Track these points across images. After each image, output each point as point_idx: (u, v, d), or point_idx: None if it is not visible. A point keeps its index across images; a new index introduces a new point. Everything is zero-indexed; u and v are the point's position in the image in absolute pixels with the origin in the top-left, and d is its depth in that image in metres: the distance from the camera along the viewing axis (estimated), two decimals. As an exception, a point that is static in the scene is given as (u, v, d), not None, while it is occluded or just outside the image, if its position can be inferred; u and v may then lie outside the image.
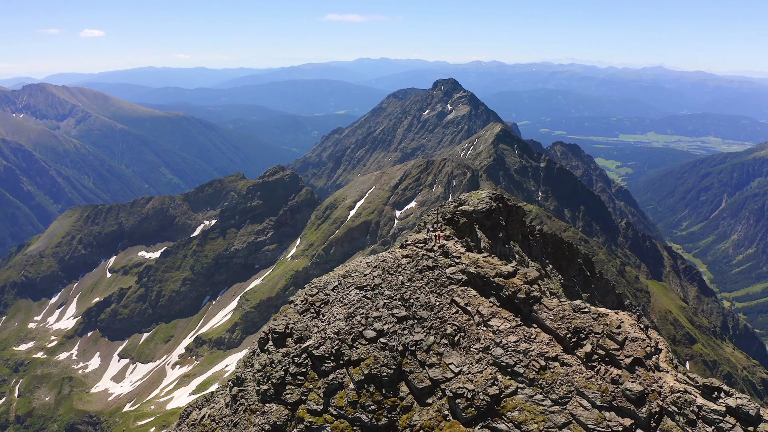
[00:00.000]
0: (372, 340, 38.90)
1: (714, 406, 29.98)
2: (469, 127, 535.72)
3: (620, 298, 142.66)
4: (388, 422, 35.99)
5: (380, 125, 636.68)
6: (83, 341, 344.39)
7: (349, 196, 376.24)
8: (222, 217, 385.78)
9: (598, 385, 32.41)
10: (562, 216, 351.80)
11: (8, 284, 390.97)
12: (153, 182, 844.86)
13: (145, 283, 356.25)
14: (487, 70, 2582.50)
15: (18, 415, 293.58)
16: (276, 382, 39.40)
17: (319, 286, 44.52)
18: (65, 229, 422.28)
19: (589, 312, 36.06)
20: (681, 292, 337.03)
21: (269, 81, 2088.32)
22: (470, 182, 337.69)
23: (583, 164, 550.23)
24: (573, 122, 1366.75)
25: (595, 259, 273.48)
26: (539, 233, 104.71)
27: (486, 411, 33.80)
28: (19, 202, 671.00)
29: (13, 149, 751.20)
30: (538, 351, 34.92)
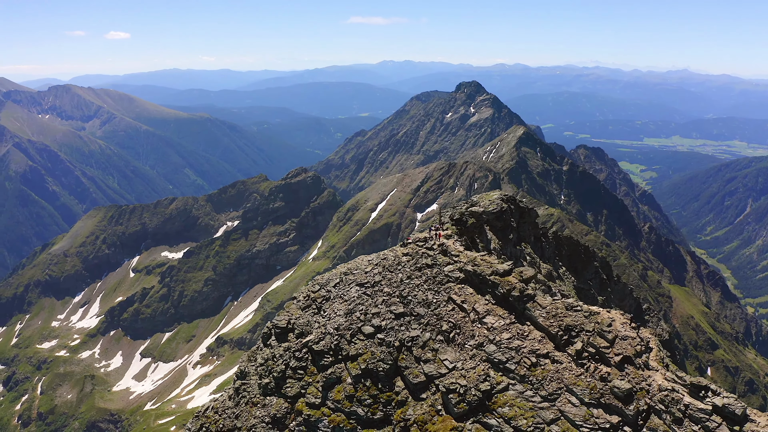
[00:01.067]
0: (370, 336, 39.67)
1: (701, 405, 30.22)
2: (492, 129, 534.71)
3: (638, 302, 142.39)
4: (383, 416, 36.72)
5: (403, 128, 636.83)
6: (106, 340, 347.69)
7: (370, 198, 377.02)
8: (244, 219, 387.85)
9: (587, 382, 32.82)
10: (585, 220, 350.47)
11: (32, 283, 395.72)
12: (177, 183, 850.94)
13: (167, 283, 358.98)
14: (511, 72, 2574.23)
15: (40, 413, 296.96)
16: (277, 375, 40.31)
17: (321, 282, 45.40)
18: (89, 229, 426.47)
19: (581, 310, 36.48)
20: (704, 298, 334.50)
21: (293, 83, 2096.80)
22: (492, 185, 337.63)
23: (607, 168, 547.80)
24: (597, 125, 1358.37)
25: (616, 264, 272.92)
26: (553, 236, 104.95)
27: (477, 406, 34.35)
28: (44, 202, 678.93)
29: (39, 149, 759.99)
30: (530, 348, 35.42)
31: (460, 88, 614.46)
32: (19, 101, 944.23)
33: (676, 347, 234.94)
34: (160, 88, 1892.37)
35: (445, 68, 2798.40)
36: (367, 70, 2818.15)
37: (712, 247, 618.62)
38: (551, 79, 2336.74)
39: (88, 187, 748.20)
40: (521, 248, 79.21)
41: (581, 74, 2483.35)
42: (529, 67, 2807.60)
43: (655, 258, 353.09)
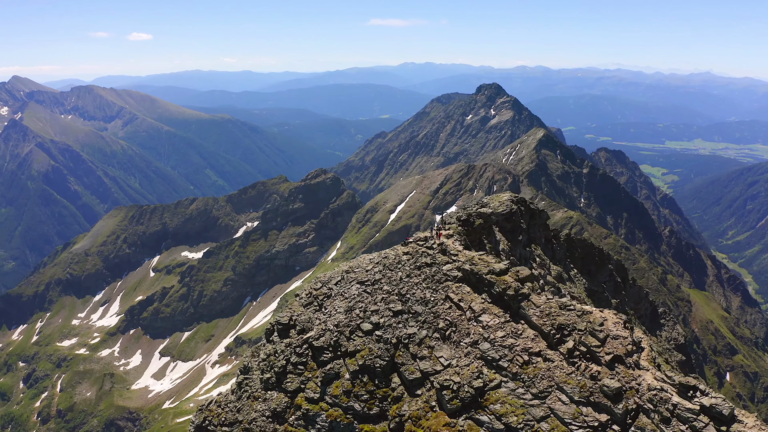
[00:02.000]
0: (368, 333, 40.34)
1: (688, 405, 30.46)
2: (513, 132, 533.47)
3: (654, 305, 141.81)
4: (379, 411, 37.35)
5: (423, 130, 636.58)
6: (125, 339, 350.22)
7: (389, 199, 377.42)
8: (264, 219, 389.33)
9: (577, 380, 33.19)
10: (605, 223, 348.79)
11: (53, 281, 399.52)
12: (198, 184, 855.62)
13: (187, 282, 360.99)
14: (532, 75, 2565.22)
15: (59, 410, 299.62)
16: (278, 371, 41.11)
17: (323, 280, 46.21)
18: (110, 229, 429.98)
19: (573, 310, 36.84)
20: (724, 302, 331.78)
21: (314, 85, 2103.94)
22: (511, 187, 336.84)
23: (628, 171, 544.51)
24: (619, 128, 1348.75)
25: (635, 267, 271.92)
26: (566, 238, 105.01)
27: (470, 403, 34.84)
28: (66, 202, 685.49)
29: (61, 149, 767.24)
30: (523, 346, 35.86)
31: (480, 90, 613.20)
32: (42, 102, 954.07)
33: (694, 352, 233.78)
34: (182, 89, 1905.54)
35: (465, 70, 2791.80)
36: (388, 71, 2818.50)
37: (733, 251, 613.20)
38: (573, 81, 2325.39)
39: (109, 187, 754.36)
40: (531, 250, 79.40)
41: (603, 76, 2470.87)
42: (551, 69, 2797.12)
43: (675, 262, 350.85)
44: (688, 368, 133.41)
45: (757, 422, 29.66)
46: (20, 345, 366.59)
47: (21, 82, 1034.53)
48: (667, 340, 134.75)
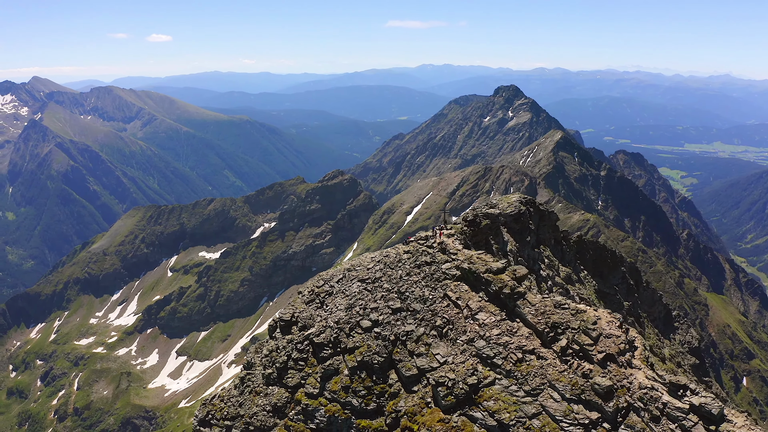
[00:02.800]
0: (367, 330, 40.93)
1: (678, 404, 30.60)
2: (530, 134, 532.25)
3: (668, 308, 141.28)
4: (376, 407, 37.91)
5: (441, 131, 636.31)
6: (142, 338, 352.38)
7: (406, 201, 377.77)
8: (281, 220, 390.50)
9: (569, 378, 33.47)
10: (622, 226, 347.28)
11: (72, 280, 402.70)
12: (216, 185, 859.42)
13: (204, 282, 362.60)
14: (551, 77, 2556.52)
15: (76, 408, 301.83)
16: (279, 366, 41.90)
17: (325, 278, 46.90)
18: (129, 228, 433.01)
19: (568, 308, 37.11)
20: (741, 306, 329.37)
21: (332, 86, 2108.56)
22: (528, 189, 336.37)
23: (646, 174, 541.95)
24: (638, 131, 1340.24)
25: (652, 270, 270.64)
26: (577, 239, 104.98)
27: (464, 399, 35.28)
28: (85, 201, 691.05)
29: (81, 150, 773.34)
30: (517, 344, 36.22)
31: (498, 92, 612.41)
32: (62, 102, 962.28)
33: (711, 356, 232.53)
34: (201, 90, 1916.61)
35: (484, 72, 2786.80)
36: (406, 73, 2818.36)
37: (752, 255, 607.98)
38: (592, 83, 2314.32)
39: (128, 187, 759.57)
40: (539, 251, 79.52)
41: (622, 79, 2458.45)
42: (570, 71, 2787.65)
43: (693, 265, 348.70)
44: (702, 372, 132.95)
45: (746, 422, 29.77)
46: (38, 343, 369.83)
47: (41, 83, 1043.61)
48: (681, 343, 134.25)
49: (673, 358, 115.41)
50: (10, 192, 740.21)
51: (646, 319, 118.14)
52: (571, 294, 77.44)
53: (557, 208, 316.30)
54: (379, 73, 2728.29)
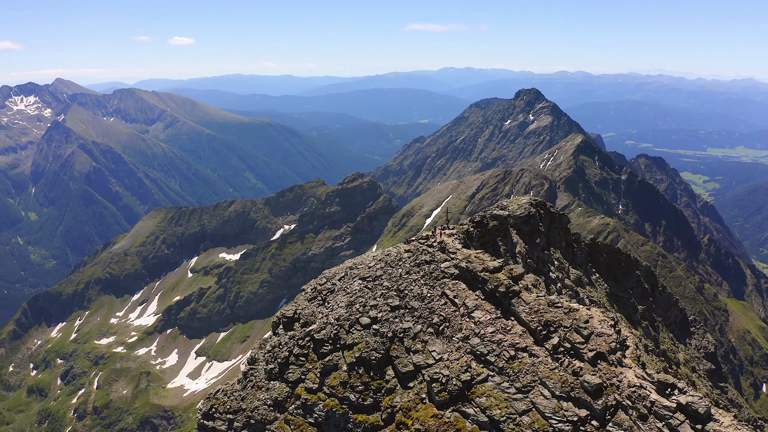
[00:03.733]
0: (366, 327, 41.65)
1: (666, 402, 30.87)
2: (551, 137, 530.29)
3: (684, 313, 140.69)
4: (372, 402, 38.54)
5: (461, 135, 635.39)
6: (162, 338, 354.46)
7: (426, 204, 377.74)
8: (301, 222, 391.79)
9: (559, 376, 33.84)
10: (643, 230, 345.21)
11: (93, 280, 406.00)
12: (238, 186, 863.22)
13: (224, 283, 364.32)
14: (573, 80, 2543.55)
15: (96, 407, 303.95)
16: (281, 362, 42.74)
17: (328, 276, 47.75)
18: (150, 229, 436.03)
19: (561, 307, 37.48)
20: (762, 312, 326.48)
21: (354, 89, 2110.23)
22: (548, 193, 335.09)
23: (668, 178, 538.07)
24: (660, 135, 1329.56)
25: (672, 275, 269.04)
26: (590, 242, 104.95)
27: (457, 396, 35.82)
28: (107, 202, 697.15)
29: (103, 151, 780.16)
30: (510, 342, 36.67)
31: (519, 96, 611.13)
32: (85, 104, 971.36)
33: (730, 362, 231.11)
34: (223, 92, 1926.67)
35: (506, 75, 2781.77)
36: (428, 76, 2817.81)
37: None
38: (614, 87, 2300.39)
39: (150, 188, 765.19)
40: (549, 253, 79.74)
41: (644, 82, 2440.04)
42: (592, 75, 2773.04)
43: (714, 271, 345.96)
44: (717, 377, 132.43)
45: (733, 422, 30.00)
46: (59, 342, 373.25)
47: (64, 85, 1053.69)
48: (697, 348, 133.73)
49: (687, 363, 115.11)
50: (33, 192, 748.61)
51: (660, 324, 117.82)
52: (580, 296, 77.57)
53: (577, 212, 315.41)
54: (401, 76, 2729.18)
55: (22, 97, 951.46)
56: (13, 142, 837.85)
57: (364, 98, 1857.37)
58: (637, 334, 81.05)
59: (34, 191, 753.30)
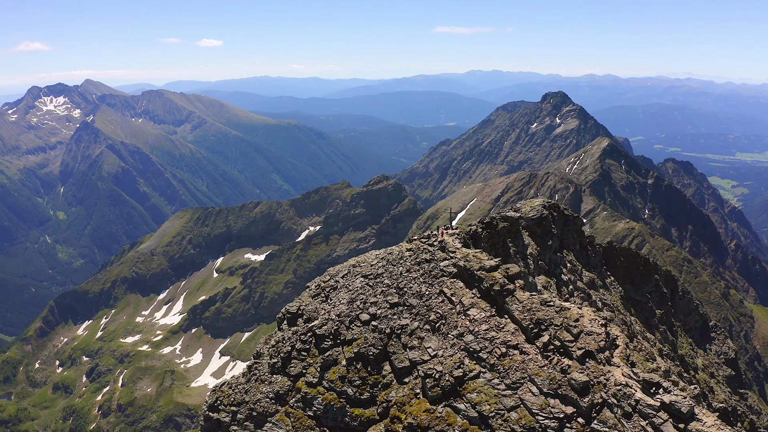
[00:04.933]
0: (365, 323, 42.67)
1: (650, 401, 31.22)
2: (578, 141, 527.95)
3: (704, 318, 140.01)
4: (369, 397, 39.52)
5: (488, 137, 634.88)
6: (187, 337, 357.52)
7: (450, 207, 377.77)
8: (326, 224, 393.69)
9: (548, 373, 34.36)
10: (669, 235, 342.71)
11: (119, 279, 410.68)
12: (264, 188, 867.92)
13: (249, 284, 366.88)
14: (601, 83, 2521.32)
15: (120, 404, 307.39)
16: (284, 356, 44.03)
17: (332, 273, 49.06)
18: (176, 229, 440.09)
19: (553, 306, 38.08)
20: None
21: (381, 92, 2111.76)
22: (573, 197, 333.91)
23: (696, 182, 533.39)
24: (688, 139, 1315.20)
25: (697, 281, 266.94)
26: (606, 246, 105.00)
27: (450, 391, 36.55)
28: (134, 202, 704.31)
29: (131, 152, 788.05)
30: (502, 339, 37.32)
31: (545, 99, 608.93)
32: (113, 105, 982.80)
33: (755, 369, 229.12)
34: (251, 94, 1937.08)
35: (533, 78, 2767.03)
36: (455, 79, 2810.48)
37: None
38: (642, 90, 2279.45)
39: (177, 189, 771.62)
40: (562, 255, 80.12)
41: (673, 86, 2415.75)
42: (620, 78, 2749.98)
43: (741, 276, 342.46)
44: (737, 383, 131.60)
45: (716, 422, 30.37)
46: (85, 340, 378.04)
47: (93, 86, 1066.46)
48: (717, 354, 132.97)
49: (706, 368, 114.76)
50: (62, 192, 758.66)
51: (679, 328, 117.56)
52: (592, 299, 77.92)
53: (602, 216, 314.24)
54: (428, 79, 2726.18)
55: (52, 97, 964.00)
56: (43, 142, 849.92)
57: (391, 101, 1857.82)
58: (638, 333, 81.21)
59: (62, 191, 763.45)
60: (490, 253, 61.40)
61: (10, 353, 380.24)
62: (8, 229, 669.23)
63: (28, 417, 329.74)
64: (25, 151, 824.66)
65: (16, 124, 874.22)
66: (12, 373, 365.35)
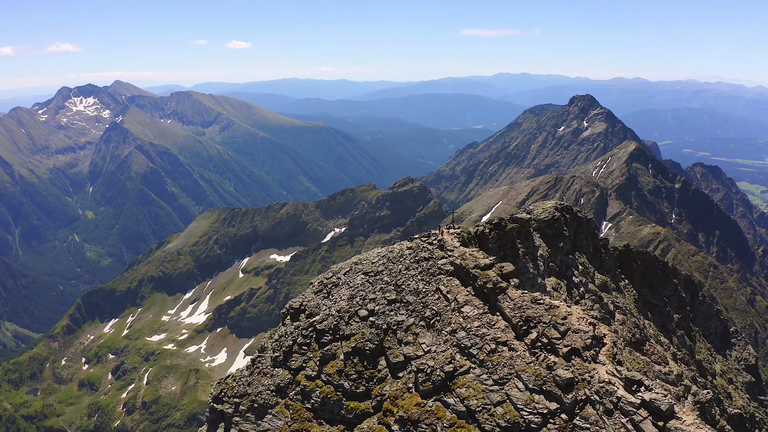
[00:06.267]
0: (364, 319, 43.78)
1: (631, 398, 31.89)
2: (605, 144, 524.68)
3: (725, 324, 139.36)
4: (364, 390, 40.62)
5: (514, 141, 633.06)
6: (212, 336, 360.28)
7: (475, 210, 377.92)
8: (351, 226, 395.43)
9: (534, 369, 35.10)
10: (696, 240, 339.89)
11: (146, 278, 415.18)
12: (291, 189, 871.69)
13: (274, 284, 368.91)
14: (630, 87, 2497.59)
15: (145, 402, 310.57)
16: (285, 350, 45.28)
17: (334, 270, 50.32)
18: (203, 230, 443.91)
19: (542, 303, 38.83)
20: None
21: (408, 94, 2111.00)
22: (599, 201, 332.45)
23: (724, 187, 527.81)
24: (717, 143, 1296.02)
25: (723, 287, 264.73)
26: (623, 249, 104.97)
27: (440, 386, 37.51)
28: (162, 202, 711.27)
29: (160, 152, 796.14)
30: (492, 336, 38.13)
31: (573, 102, 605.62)
32: (143, 106, 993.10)
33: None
34: (279, 96, 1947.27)
35: (561, 81, 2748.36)
36: (483, 82, 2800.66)
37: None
38: (671, 94, 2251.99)
39: (205, 189, 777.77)
40: (574, 257, 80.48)
41: (702, 89, 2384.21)
42: (649, 82, 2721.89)
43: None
44: (757, 390, 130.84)
45: (696, 420, 30.89)
46: (111, 338, 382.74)
47: (123, 87, 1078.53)
48: (737, 360, 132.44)
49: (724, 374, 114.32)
50: (91, 191, 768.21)
51: (698, 333, 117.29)
52: (604, 301, 78.22)
53: (627, 220, 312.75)
54: (456, 81, 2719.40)
55: (82, 98, 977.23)
56: (72, 142, 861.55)
57: (419, 103, 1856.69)
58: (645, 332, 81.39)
59: (91, 190, 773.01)
60: (498, 254, 62.47)
61: (38, 350, 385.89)
62: (37, 227, 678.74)
63: (54, 413, 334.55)
64: (55, 151, 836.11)
65: (46, 124, 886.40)
66: (39, 369, 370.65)
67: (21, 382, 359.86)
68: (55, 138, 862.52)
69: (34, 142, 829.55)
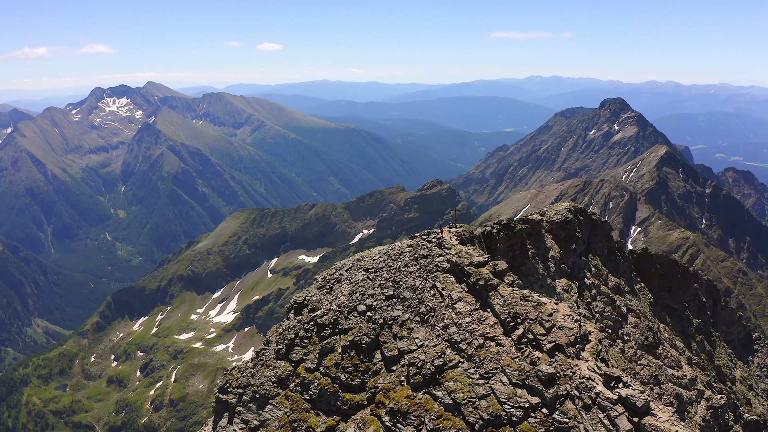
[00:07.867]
0: (362, 313, 45.26)
1: (609, 394, 32.71)
2: (636, 148, 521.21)
3: (748, 329, 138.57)
4: (360, 383, 41.99)
5: (545, 144, 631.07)
6: (240, 335, 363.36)
7: (503, 213, 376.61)
8: (379, 227, 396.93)
9: (519, 364, 36.08)
10: (726, 246, 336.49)
11: (176, 277, 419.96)
12: (321, 190, 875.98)
13: (302, 285, 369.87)
14: (662, 90, 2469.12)
15: (172, 399, 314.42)
16: (288, 343, 46.95)
17: (337, 267, 51.93)
18: (233, 230, 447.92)
19: (531, 301, 39.85)
20: None
21: (439, 97, 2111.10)
22: (627, 205, 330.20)
23: (756, 193, 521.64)
24: (751, 148, 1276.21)
25: (752, 293, 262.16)
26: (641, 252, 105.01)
27: (430, 379, 38.62)
28: (193, 202, 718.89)
29: (191, 153, 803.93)
30: (482, 331, 39.18)
31: (604, 105, 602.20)
32: (175, 107, 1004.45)
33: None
34: (310, 98, 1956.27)
35: (593, 84, 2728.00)
36: (514, 85, 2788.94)
37: None
38: (704, 98, 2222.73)
39: (235, 190, 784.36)
40: (587, 259, 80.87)
41: (736, 93, 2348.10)
42: (681, 85, 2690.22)
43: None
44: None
45: (671, 417, 31.60)
46: (140, 336, 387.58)
47: (155, 88, 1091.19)
48: (760, 366, 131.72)
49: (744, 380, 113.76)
50: (123, 191, 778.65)
51: (718, 339, 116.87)
52: (616, 303, 78.63)
53: (657, 224, 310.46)
54: (487, 84, 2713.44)
55: (115, 98, 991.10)
56: (105, 141, 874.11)
57: (449, 105, 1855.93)
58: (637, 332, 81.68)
59: (123, 190, 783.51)
60: (507, 255, 63.36)
61: (67, 346, 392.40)
62: (70, 226, 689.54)
63: (82, 409, 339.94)
64: (88, 151, 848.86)
65: (80, 124, 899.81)
66: (68, 365, 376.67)
67: (50, 378, 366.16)
68: (87, 138, 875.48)
69: (67, 142, 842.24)
